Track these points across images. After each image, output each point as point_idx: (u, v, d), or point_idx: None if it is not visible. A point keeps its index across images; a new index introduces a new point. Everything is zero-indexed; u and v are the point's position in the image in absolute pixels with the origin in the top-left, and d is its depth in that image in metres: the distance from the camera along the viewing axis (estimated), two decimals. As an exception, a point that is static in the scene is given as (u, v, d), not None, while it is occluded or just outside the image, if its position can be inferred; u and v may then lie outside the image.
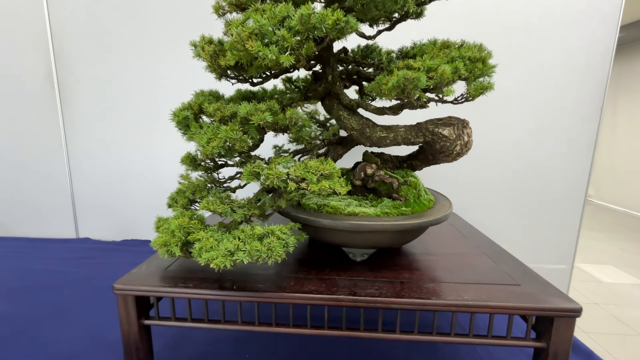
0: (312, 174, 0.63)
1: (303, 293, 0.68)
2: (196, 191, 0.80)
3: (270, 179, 0.63)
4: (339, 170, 0.69)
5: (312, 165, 0.64)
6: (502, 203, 1.48)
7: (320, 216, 0.75)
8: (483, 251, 0.92)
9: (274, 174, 0.62)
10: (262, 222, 0.77)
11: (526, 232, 1.50)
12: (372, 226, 0.71)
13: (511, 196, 1.48)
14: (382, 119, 0.95)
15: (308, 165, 0.64)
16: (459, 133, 0.83)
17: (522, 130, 1.43)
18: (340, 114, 0.87)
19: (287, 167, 0.65)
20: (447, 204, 0.87)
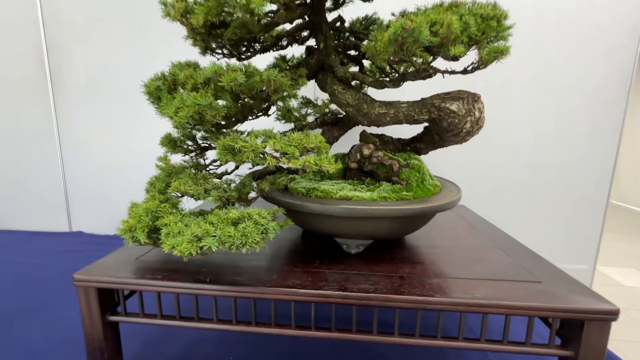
0: (294, 147, 0.54)
1: (285, 287, 0.59)
2: (172, 174, 0.72)
3: (245, 153, 0.54)
4: (328, 146, 0.59)
5: (295, 137, 0.55)
6: (518, 198, 1.36)
7: (307, 200, 0.66)
8: (496, 244, 0.81)
9: (249, 146, 0.53)
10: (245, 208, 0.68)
11: (543, 229, 1.37)
12: (366, 211, 0.61)
13: (527, 191, 1.36)
14: (383, 96, 0.85)
15: (290, 137, 0.55)
16: (469, 108, 0.72)
17: (541, 121, 1.31)
18: (335, 89, 0.78)
19: (265, 139, 0.56)
20: (456, 190, 0.77)
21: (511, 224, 1.33)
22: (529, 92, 1.29)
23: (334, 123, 0.88)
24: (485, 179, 1.36)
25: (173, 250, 0.53)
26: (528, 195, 1.36)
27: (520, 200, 1.36)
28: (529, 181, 1.35)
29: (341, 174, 0.80)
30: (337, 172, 0.81)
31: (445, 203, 0.66)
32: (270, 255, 0.73)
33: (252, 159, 0.55)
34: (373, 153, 0.74)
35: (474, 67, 0.69)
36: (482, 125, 0.75)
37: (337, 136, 0.89)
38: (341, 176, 0.80)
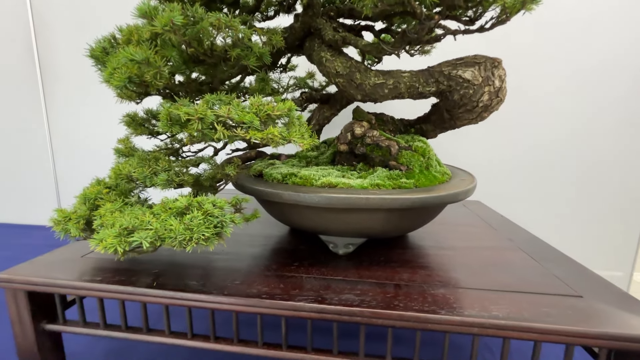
0: (254, 114, 0.41)
1: (247, 297, 0.46)
2: (123, 155, 0.61)
3: (193, 125, 0.42)
4: (302, 116, 0.46)
5: (255, 102, 0.42)
6: (543, 196, 1.20)
7: (279, 187, 0.53)
8: (519, 246, 0.66)
9: (194, 112, 0.41)
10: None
11: (572, 231, 1.20)
12: (350, 201, 0.48)
13: (554, 188, 1.19)
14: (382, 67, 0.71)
15: (251, 102, 0.42)
16: (486, 75, 0.58)
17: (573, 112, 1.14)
18: (322, 56, 0.65)
19: (220, 105, 0.43)
20: (469, 178, 0.62)
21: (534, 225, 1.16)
22: (561, 81, 1.13)
23: (324, 101, 0.75)
24: (505, 172, 1.20)
25: (98, 247, 0.42)
26: (555, 193, 1.19)
27: (546, 198, 1.19)
28: (556, 177, 1.18)
29: (330, 159, 0.67)
30: (326, 158, 0.68)
31: (454, 193, 0.52)
32: (244, 254, 0.61)
33: (199, 131, 0.42)
34: (367, 132, 0.61)
35: (494, 24, 0.55)
36: (503, 99, 0.61)
37: (328, 116, 0.76)
38: (330, 161, 0.67)
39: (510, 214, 0.99)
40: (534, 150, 1.17)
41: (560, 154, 1.16)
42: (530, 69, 1.12)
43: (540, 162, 1.17)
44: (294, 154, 0.75)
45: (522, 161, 1.18)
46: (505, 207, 1.10)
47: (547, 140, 1.16)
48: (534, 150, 1.17)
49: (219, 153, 0.74)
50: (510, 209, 1.13)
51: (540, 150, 1.16)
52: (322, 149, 0.74)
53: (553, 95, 1.13)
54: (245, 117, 0.40)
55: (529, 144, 1.17)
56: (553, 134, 1.15)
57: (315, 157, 0.70)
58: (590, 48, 1.09)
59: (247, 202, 0.52)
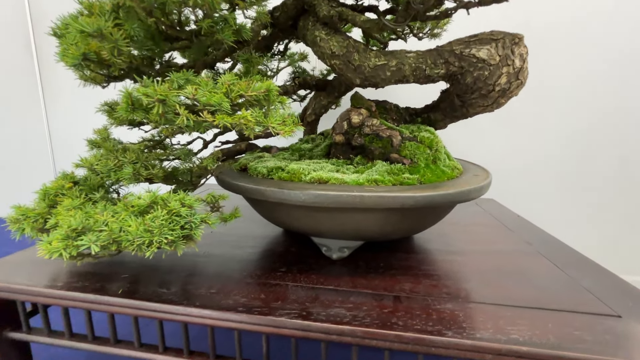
0: (223, 95, 0.34)
1: (220, 310, 0.40)
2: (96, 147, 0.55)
3: (155, 110, 0.35)
4: (284, 99, 0.39)
5: (226, 81, 0.35)
6: (564, 193, 1.10)
7: (261, 183, 0.46)
8: (538, 250, 0.58)
9: (153, 92, 0.34)
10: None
11: (595, 231, 1.10)
12: (343, 199, 0.41)
13: (576, 185, 1.09)
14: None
15: (220, 81, 0.36)
16: (505, 54, 0.50)
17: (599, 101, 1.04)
18: (316, 35, 0.57)
19: (185, 84, 0.36)
20: (482, 174, 0.55)
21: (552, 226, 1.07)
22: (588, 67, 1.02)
23: (320, 87, 0.68)
24: (521, 167, 1.11)
25: (41, 252, 0.36)
26: (576, 190, 1.09)
27: (566, 196, 1.10)
28: (577, 173, 1.08)
29: (325, 152, 0.60)
30: (320, 151, 0.61)
31: (465, 191, 0.44)
32: (227, 257, 0.55)
33: (162, 115, 0.36)
34: (365, 121, 0.54)
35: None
36: (524, 81, 0.53)
37: (325, 105, 0.69)
38: (325, 154, 0.60)
39: (527, 213, 0.91)
40: (554, 143, 1.07)
41: (583, 148, 1.06)
42: (554, 54, 1.02)
43: (561, 156, 1.07)
44: (288, 147, 0.68)
45: (540, 155, 1.09)
46: (521, 206, 1.01)
47: (569, 132, 1.06)
48: (554, 143, 1.07)
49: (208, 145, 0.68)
50: (526, 207, 1.04)
51: (561, 143, 1.07)
52: (318, 140, 0.67)
53: (577, 84, 1.03)
54: (212, 98, 0.34)
55: (549, 137, 1.07)
56: (576, 127, 1.05)
57: (310, 149, 0.63)
58: (623, 32, 0.99)
59: (224, 199, 0.45)
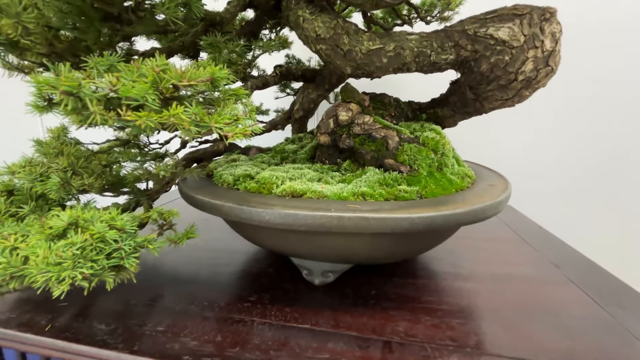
0: (150, 86, 0.26)
1: (161, 358, 0.32)
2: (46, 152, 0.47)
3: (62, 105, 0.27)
4: (241, 90, 0.30)
5: (153, 66, 0.26)
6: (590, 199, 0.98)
7: (221, 197, 0.37)
8: (568, 275, 0.48)
9: (56, 83, 0.25)
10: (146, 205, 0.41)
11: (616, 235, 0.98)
12: (316, 221, 0.32)
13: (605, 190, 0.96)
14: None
15: (145, 68, 0.27)
16: (532, 33, 0.39)
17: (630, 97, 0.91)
18: (300, 15, 0.48)
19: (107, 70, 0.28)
20: (500, 184, 0.44)
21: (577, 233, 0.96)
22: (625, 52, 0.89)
23: (308, 78, 0.58)
24: (542, 167, 0.99)
25: None
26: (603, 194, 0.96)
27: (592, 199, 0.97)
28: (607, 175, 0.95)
29: (309, 154, 0.51)
30: (304, 153, 0.51)
31: (477, 209, 0.34)
32: (190, 279, 0.47)
33: (77, 111, 0.27)
34: (355, 118, 0.44)
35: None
36: (555, 68, 0.42)
37: (314, 99, 0.60)
38: (309, 157, 0.51)
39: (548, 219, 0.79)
40: (581, 140, 0.95)
41: (613, 147, 0.93)
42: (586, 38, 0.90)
43: (588, 156, 0.95)
44: (272, 148, 0.59)
45: (563, 154, 0.96)
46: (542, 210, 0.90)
47: (597, 129, 0.93)
48: (581, 140, 0.95)
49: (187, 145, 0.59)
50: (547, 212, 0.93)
51: (589, 141, 0.94)
52: (306, 140, 0.57)
53: (609, 74, 0.91)
54: (130, 91, 0.25)
55: (574, 132, 0.94)
56: (605, 122, 0.93)
57: (294, 151, 0.54)
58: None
59: (176, 216, 0.37)
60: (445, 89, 0.55)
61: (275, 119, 0.66)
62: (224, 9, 0.53)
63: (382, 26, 0.73)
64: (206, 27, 0.51)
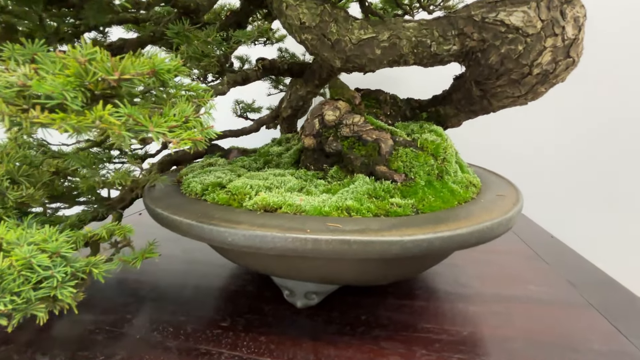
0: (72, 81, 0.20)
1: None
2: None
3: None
4: (197, 86, 0.25)
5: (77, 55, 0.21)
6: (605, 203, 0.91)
7: (180, 211, 0.32)
8: (586, 297, 0.42)
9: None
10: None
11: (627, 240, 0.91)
12: (287, 245, 0.26)
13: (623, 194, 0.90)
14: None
15: (67, 58, 0.21)
16: (551, 18, 0.33)
17: None
18: (283, 1, 0.42)
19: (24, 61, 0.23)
20: (510, 193, 0.39)
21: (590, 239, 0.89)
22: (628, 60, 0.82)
23: (296, 72, 0.53)
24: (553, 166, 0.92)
25: None
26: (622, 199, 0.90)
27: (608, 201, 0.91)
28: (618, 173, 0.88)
29: (294, 158, 0.45)
30: (289, 157, 0.46)
31: (483, 228, 0.29)
32: (158, 297, 0.42)
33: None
34: (344, 118, 0.39)
35: None
36: (577, 60, 0.36)
37: (304, 95, 0.54)
38: (294, 161, 0.45)
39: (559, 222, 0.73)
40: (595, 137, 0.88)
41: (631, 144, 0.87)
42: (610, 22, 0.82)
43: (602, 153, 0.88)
44: (257, 149, 0.54)
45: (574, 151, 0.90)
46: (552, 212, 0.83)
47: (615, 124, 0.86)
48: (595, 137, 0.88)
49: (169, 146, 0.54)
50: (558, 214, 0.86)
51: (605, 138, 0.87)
52: (293, 142, 0.52)
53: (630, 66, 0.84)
54: (43, 86, 0.20)
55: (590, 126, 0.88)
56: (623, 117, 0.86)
57: (279, 154, 0.48)
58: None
59: (130, 233, 0.32)
60: (449, 85, 0.49)
61: (262, 117, 0.61)
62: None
63: (382, 17, 0.67)
64: (180, 15, 0.46)
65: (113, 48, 0.44)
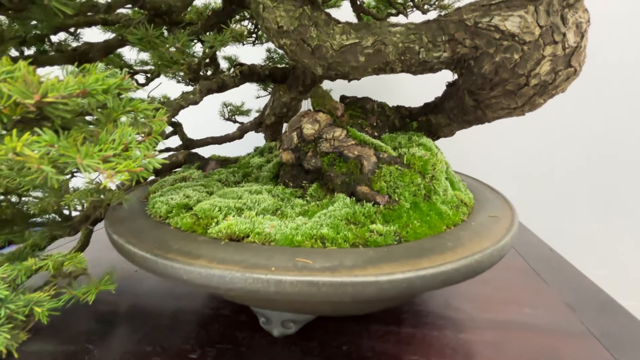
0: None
1: None
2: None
3: None
4: (138, 105, 0.22)
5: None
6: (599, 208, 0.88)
7: (139, 239, 0.29)
8: (587, 323, 0.39)
9: None
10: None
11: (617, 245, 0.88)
12: (246, 286, 0.23)
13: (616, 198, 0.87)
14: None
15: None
16: (550, 24, 0.30)
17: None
18: (260, 3, 0.39)
19: None
20: (504, 212, 0.36)
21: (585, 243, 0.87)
22: None
23: (278, 78, 0.50)
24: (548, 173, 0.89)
25: None
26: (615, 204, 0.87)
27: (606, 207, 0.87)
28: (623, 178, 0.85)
29: (274, 171, 0.42)
30: (268, 171, 0.43)
31: (470, 263, 0.26)
32: (126, 323, 0.39)
33: None
34: (324, 132, 0.35)
35: None
36: (578, 70, 0.32)
37: (287, 102, 0.51)
38: (274, 175, 0.42)
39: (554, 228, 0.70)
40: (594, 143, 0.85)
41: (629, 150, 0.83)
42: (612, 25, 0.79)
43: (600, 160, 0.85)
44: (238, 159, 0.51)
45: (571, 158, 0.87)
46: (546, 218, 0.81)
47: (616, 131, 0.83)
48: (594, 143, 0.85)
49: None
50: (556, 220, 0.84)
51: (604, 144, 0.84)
52: (276, 152, 0.49)
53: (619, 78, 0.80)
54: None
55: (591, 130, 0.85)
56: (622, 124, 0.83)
57: (259, 166, 0.45)
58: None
59: (80, 266, 0.28)
60: (442, 91, 0.46)
61: (245, 124, 0.58)
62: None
63: (375, 16, 0.64)
64: (151, 17, 0.43)
65: (77, 54, 0.41)
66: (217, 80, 0.43)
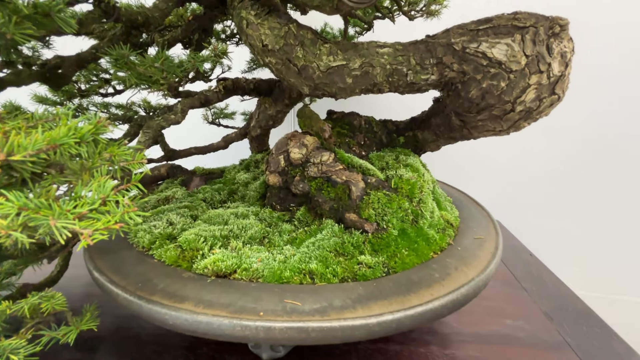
0: None
1: None
2: None
3: None
4: (124, 152, 0.21)
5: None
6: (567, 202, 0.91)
7: (121, 275, 0.28)
8: (565, 336, 0.41)
9: None
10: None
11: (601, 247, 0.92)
12: (230, 333, 0.23)
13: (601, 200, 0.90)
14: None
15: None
16: (536, 53, 0.30)
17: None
18: (244, 18, 0.37)
19: None
20: (489, 234, 0.36)
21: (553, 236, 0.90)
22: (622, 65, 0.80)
23: (263, 92, 0.48)
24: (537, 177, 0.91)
25: None
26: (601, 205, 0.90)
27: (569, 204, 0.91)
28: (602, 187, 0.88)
29: (261, 192, 0.42)
30: (255, 190, 0.42)
31: (457, 298, 0.26)
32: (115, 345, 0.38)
33: None
34: (311, 156, 0.35)
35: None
36: (562, 96, 0.33)
37: (273, 115, 0.50)
38: (261, 195, 0.41)
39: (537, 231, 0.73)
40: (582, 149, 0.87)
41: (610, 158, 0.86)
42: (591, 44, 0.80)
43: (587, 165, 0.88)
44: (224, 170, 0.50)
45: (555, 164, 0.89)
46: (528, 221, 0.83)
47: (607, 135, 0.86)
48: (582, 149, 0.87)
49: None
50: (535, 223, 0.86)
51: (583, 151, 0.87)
52: (262, 166, 0.48)
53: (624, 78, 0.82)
54: None
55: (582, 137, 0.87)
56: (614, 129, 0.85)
57: (245, 183, 0.44)
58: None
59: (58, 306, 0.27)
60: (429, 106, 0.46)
61: (230, 134, 0.56)
62: (152, 4, 0.42)
63: (361, 19, 0.63)
64: (127, 30, 0.40)
65: (48, 69, 0.39)
66: (199, 97, 0.41)
